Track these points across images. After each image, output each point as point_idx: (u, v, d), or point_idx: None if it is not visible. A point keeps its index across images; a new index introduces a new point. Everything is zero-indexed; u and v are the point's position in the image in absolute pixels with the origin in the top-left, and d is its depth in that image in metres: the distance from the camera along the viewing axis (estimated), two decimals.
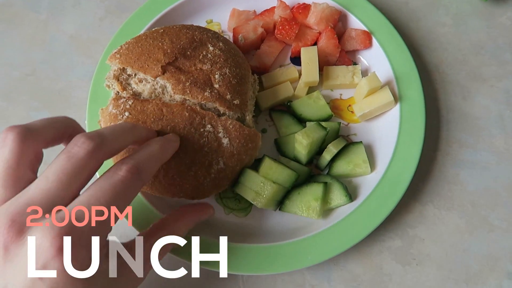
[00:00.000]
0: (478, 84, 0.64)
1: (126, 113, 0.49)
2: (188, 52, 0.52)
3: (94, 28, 0.68)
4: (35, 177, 0.37)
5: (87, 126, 0.58)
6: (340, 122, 0.59)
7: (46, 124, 0.38)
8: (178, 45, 0.52)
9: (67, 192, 0.34)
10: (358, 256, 0.55)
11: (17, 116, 0.62)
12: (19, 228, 0.32)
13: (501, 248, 0.55)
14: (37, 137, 0.37)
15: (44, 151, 0.39)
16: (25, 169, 0.36)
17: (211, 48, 0.53)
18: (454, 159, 0.60)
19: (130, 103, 0.50)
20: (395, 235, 0.56)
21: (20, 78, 0.65)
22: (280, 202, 0.54)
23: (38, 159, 0.38)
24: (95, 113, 0.56)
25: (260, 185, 0.52)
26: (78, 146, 0.35)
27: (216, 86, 0.51)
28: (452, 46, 0.66)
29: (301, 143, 0.53)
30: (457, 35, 0.67)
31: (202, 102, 0.50)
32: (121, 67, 0.52)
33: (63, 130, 0.39)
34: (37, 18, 0.68)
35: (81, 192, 0.36)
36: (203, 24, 0.66)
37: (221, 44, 0.54)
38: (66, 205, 0.34)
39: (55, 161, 0.35)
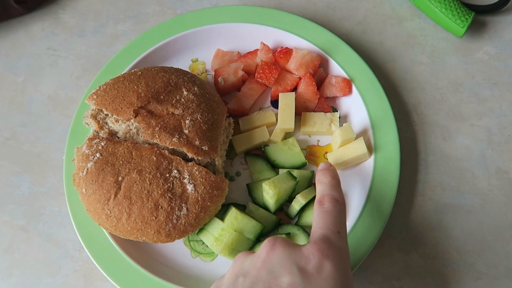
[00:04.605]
0: (458, 124, 0.63)
1: (98, 154, 0.52)
2: (162, 96, 0.53)
3: (71, 87, 0.68)
4: None
5: (65, 161, 0.59)
6: (314, 171, 0.59)
7: None
8: (153, 89, 0.54)
9: None
10: None
11: None
12: None
13: None
14: None
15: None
16: None
17: (185, 93, 0.54)
18: (437, 204, 0.59)
19: (103, 144, 0.52)
20: None
21: (0, 143, 0.65)
22: None
23: None
24: (73, 149, 0.58)
25: (220, 232, 0.52)
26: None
27: (186, 131, 0.52)
28: (429, 85, 0.65)
29: (268, 192, 0.53)
30: (434, 73, 0.66)
31: (170, 147, 0.51)
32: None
33: None
34: (15, 80, 0.69)
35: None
36: (188, 62, 0.67)
37: (196, 89, 0.55)
38: None
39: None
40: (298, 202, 0.55)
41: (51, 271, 0.57)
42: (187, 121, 0.53)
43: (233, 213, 0.53)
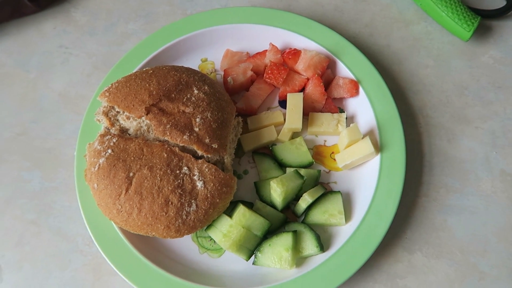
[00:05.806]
0: (463, 126, 0.64)
1: (109, 150, 0.52)
2: (173, 95, 0.54)
3: (82, 85, 0.69)
4: None
5: (76, 157, 0.60)
6: (320, 170, 0.60)
7: None
8: (164, 87, 0.55)
9: None
10: None
11: (8, 177, 0.63)
12: None
13: None
14: None
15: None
16: None
17: (195, 91, 0.55)
18: (441, 205, 0.59)
19: (114, 140, 0.53)
20: (385, 287, 0.55)
21: (11, 138, 0.66)
22: (252, 252, 0.55)
23: None
24: (85, 145, 0.59)
25: (228, 228, 0.53)
26: None
27: (196, 129, 0.53)
28: (435, 88, 0.66)
29: (276, 190, 0.54)
30: (440, 76, 0.67)
31: (181, 144, 0.52)
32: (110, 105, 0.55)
33: None
34: (27, 77, 0.70)
35: None
36: (198, 61, 0.68)
37: (206, 88, 0.56)
38: None
39: None
40: (305, 201, 0.55)
41: (61, 265, 0.58)
42: (197, 119, 0.54)
43: (241, 210, 0.54)
